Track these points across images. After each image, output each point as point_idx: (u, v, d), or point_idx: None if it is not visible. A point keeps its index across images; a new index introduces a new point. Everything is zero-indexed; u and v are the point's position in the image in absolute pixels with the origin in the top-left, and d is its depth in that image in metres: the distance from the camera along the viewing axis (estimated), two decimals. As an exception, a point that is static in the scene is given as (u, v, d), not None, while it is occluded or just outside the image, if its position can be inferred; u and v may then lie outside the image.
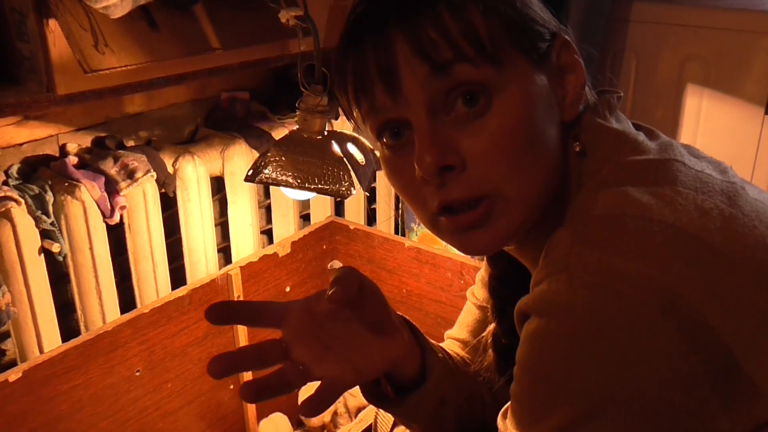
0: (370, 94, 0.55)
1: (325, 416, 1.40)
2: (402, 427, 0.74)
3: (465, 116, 0.53)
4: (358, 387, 0.63)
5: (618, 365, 0.45)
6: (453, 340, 0.80)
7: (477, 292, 0.79)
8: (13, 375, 0.97)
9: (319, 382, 0.57)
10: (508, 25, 0.54)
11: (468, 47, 0.52)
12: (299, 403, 0.54)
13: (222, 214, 1.49)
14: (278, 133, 1.48)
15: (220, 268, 1.36)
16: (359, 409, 1.42)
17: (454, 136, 0.54)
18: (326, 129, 1.13)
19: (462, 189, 0.54)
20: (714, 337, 0.44)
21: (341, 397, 1.41)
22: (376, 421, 0.79)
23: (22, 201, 1.12)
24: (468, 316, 0.80)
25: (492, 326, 0.71)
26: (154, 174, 1.28)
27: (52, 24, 1.07)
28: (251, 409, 1.35)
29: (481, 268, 0.78)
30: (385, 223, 1.80)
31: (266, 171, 1.13)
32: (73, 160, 1.24)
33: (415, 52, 0.53)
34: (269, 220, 1.58)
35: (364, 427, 0.92)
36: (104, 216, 1.22)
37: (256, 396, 0.53)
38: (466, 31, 0.52)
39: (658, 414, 0.45)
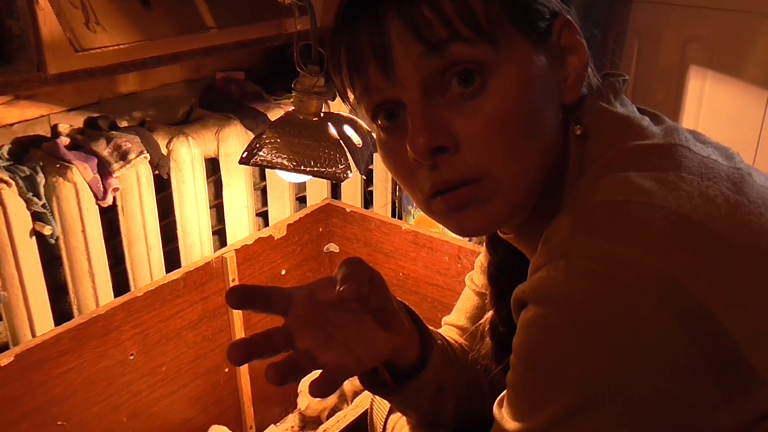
0: (363, 74, 0.54)
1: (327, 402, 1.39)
2: (398, 414, 0.73)
3: (460, 97, 0.52)
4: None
5: (616, 355, 0.44)
6: (451, 327, 0.80)
7: (476, 278, 0.79)
8: (5, 359, 0.96)
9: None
10: (506, 4, 0.52)
11: (463, 26, 0.51)
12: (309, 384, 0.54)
13: (217, 196, 1.47)
14: (274, 114, 1.46)
15: (214, 251, 1.35)
16: (356, 393, 1.42)
17: (448, 117, 0.52)
18: (323, 110, 1.11)
19: (455, 171, 0.53)
20: (716, 327, 0.43)
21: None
22: (371, 407, 0.78)
23: (13, 183, 1.11)
24: (466, 302, 0.79)
25: (490, 313, 0.70)
26: (148, 155, 1.26)
27: (42, 1, 1.05)
28: (246, 392, 1.34)
29: (480, 254, 0.77)
30: (382, 207, 1.79)
31: (261, 153, 1.11)
32: (64, 141, 1.22)
33: (408, 31, 0.51)
34: (265, 203, 1.57)
35: (359, 413, 0.92)
36: (97, 198, 1.20)
37: (282, 379, 0.52)
38: (462, 10, 0.51)
39: (657, 404, 0.44)
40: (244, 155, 1.12)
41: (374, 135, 0.59)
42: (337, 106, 1.51)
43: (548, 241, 0.50)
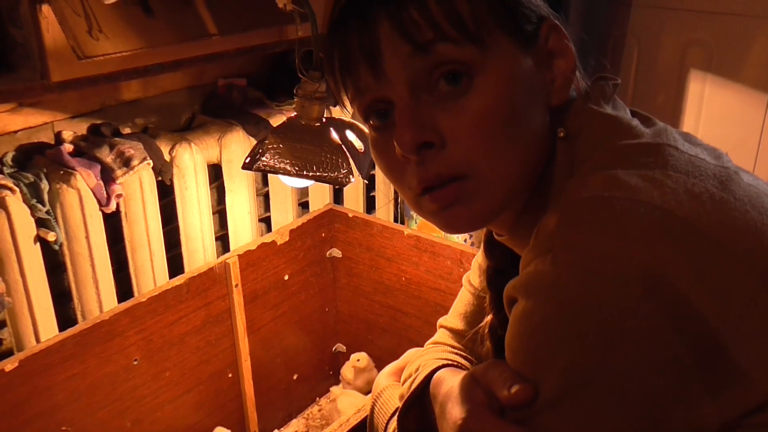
0: (354, 75, 0.56)
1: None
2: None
3: (447, 95, 0.54)
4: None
5: (600, 346, 0.45)
6: (445, 330, 0.80)
7: (473, 279, 0.79)
8: (9, 365, 0.96)
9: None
10: (492, 7, 0.54)
11: (449, 27, 0.53)
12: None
13: (220, 202, 1.48)
14: (276, 120, 1.47)
15: (218, 257, 1.36)
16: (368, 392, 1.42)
17: (435, 115, 0.54)
18: (324, 116, 1.12)
19: (441, 166, 0.54)
20: (700, 321, 0.44)
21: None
22: (373, 410, 0.78)
23: (17, 189, 1.11)
24: (464, 304, 0.80)
25: (489, 317, 0.71)
26: (151, 162, 1.27)
27: (45, 9, 1.06)
28: (250, 397, 1.35)
29: (477, 254, 0.78)
30: (384, 211, 1.79)
31: (264, 158, 1.12)
32: (68, 147, 1.22)
33: (396, 32, 0.53)
34: (267, 208, 1.57)
35: (362, 417, 0.92)
36: (100, 204, 1.21)
37: None
38: (449, 12, 0.53)
39: (640, 396, 0.45)
40: (247, 161, 1.13)
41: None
42: (339, 112, 1.52)
43: (537, 237, 0.51)
